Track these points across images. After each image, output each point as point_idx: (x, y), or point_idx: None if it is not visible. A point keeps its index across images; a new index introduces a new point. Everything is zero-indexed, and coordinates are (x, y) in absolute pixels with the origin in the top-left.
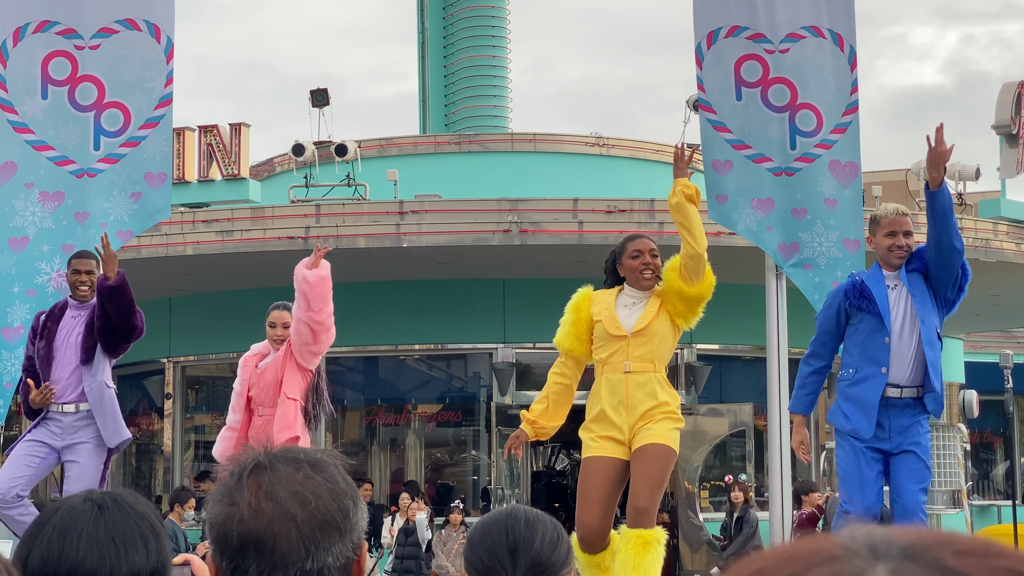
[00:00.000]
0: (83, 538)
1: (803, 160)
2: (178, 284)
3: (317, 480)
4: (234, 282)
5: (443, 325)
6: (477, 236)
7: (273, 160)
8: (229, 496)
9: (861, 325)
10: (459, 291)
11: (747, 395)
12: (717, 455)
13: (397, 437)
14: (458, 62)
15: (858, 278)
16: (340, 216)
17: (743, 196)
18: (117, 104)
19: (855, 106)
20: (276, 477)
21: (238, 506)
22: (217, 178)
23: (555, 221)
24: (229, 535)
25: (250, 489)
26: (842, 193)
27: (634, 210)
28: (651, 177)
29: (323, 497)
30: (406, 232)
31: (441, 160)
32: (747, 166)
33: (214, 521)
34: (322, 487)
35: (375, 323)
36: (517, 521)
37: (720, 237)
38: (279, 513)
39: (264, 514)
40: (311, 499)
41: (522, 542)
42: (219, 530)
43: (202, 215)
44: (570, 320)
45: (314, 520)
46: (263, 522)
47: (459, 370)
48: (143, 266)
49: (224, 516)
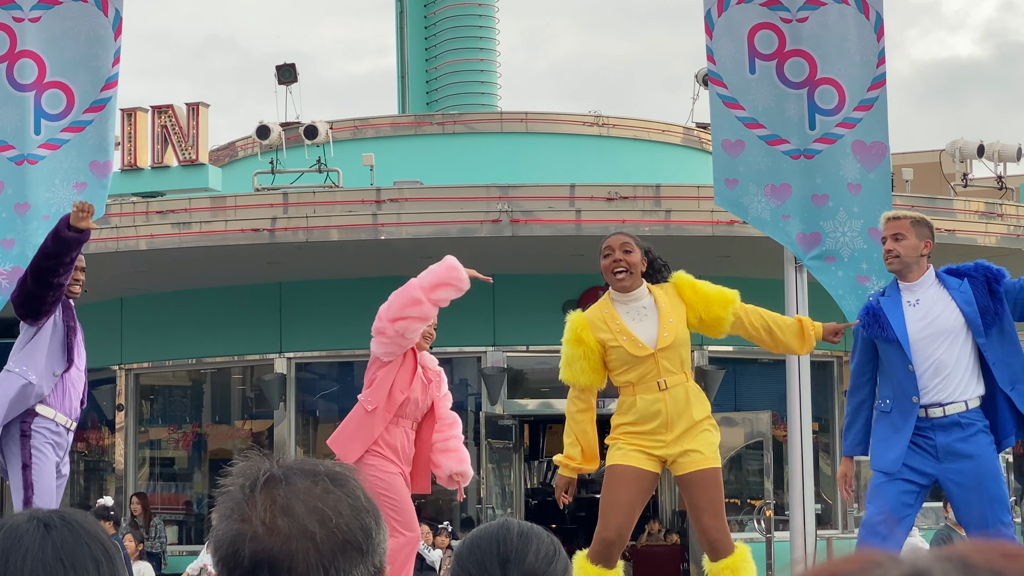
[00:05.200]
0: (28, 560)
1: (823, 141)
2: (130, 283)
3: (337, 495)
4: (193, 280)
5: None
6: (463, 227)
7: (235, 144)
8: (240, 511)
9: (886, 354)
10: None
11: (764, 403)
12: (732, 470)
13: None
14: (441, 34)
15: (873, 300)
16: (310, 206)
17: (755, 181)
18: (59, 84)
19: (882, 80)
20: (292, 491)
21: (250, 523)
22: (173, 164)
23: (550, 209)
24: (239, 554)
25: (264, 504)
26: (867, 177)
27: (637, 196)
28: (656, 160)
29: (344, 514)
30: (384, 223)
31: (422, 143)
32: (760, 147)
33: (222, 539)
34: (343, 503)
35: (350, 325)
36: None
37: (733, 227)
38: (296, 530)
39: (280, 531)
40: (331, 516)
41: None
42: (228, 549)
43: (156, 205)
44: (578, 355)
45: (334, 539)
46: (279, 540)
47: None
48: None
49: (234, 533)
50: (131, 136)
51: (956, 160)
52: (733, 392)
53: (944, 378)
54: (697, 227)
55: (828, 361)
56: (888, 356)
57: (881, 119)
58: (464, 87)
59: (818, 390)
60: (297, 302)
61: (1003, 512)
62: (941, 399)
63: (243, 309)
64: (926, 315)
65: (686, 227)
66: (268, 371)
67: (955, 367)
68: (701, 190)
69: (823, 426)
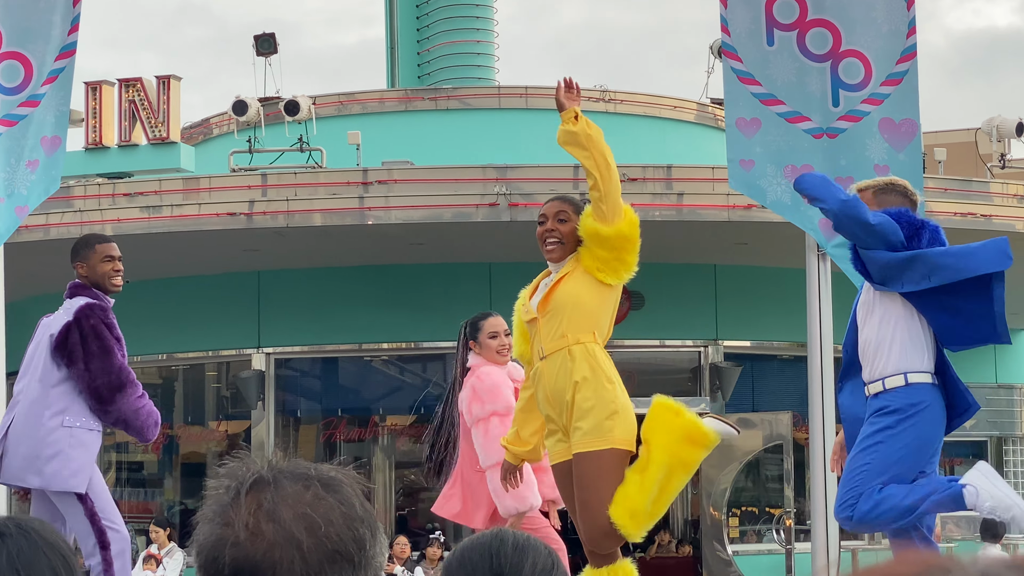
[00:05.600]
0: None
1: (848, 119)
2: None
3: (329, 502)
4: (163, 269)
5: (417, 319)
6: (457, 211)
7: (210, 121)
8: (223, 515)
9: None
10: (436, 278)
11: (785, 402)
12: (749, 475)
13: (362, 455)
14: (433, 2)
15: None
16: (291, 188)
17: (774, 162)
18: (16, 55)
19: (912, 52)
20: (280, 495)
21: (233, 527)
22: (142, 142)
23: (552, 192)
24: (219, 561)
25: (248, 507)
26: (896, 158)
27: (647, 179)
28: (667, 138)
29: (335, 522)
30: (371, 207)
31: (413, 120)
32: (779, 126)
33: (203, 543)
34: (335, 511)
35: (334, 317)
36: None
37: (751, 211)
38: (282, 537)
39: (263, 538)
40: (321, 523)
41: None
42: (209, 554)
43: (124, 187)
44: (516, 324)
45: (323, 548)
46: (261, 547)
47: (437, 374)
48: (51, 249)
49: (216, 538)
50: (96, 112)
51: (993, 139)
52: (751, 391)
53: (865, 357)
54: (712, 212)
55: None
56: None
57: (911, 95)
58: (459, 59)
59: None
60: (277, 293)
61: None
62: (866, 378)
63: (218, 300)
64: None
65: (700, 211)
66: (245, 368)
67: (872, 342)
68: (716, 171)
69: None
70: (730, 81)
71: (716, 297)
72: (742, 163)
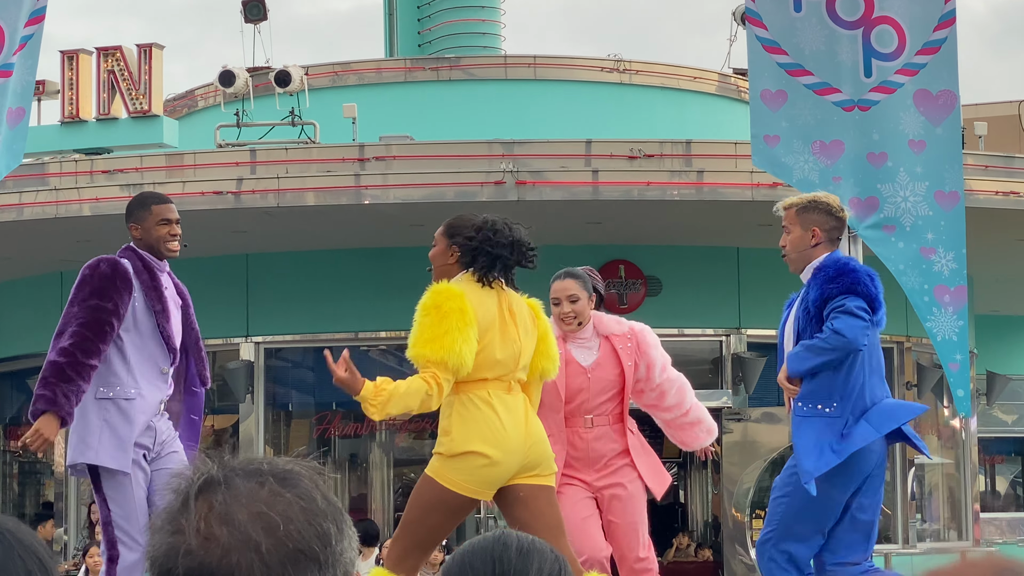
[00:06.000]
0: None
1: (881, 90)
2: (72, 254)
3: (287, 498)
4: None
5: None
6: (461, 190)
7: (195, 93)
8: (173, 522)
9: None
10: None
11: None
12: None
13: (358, 452)
14: None
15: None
16: (282, 164)
17: (801, 137)
18: None
19: (951, 19)
20: (233, 495)
21: (184, 534)
22: (122, 115)
23: (562, 169)
24: (173, 572)
25: (199, 512)
26: (933, 132)
27: (665, 155)
28: (686, 112)
29: (295, 519)
30: (368, 185)
31: (413, 91)
32: (807, 98)
33: (156, 555)
34: (293, 507)
35: (328, 304)
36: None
37: (776, 190)
38: (237, 541)
39: (217, 543)
40: (279, 522)
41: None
42: (161, 566)
43: (102, 164)
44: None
45: (283, 548)
46: (216, 553)
47: None
48: (26, 231)
49: (167, 548)
50: (72, 83)
51: None
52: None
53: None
54: (734, 190)
55: (887, 347)
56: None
57: (949, 64)
58: (462, 27)
59: None
60: (267, 278)
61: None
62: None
63: (204, 286)
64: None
65: (721, 190)
66: (233, 358)
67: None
68: (739, 147)
69: None
70: (754, 50)
71: (739, 282)
72: (767, 138)
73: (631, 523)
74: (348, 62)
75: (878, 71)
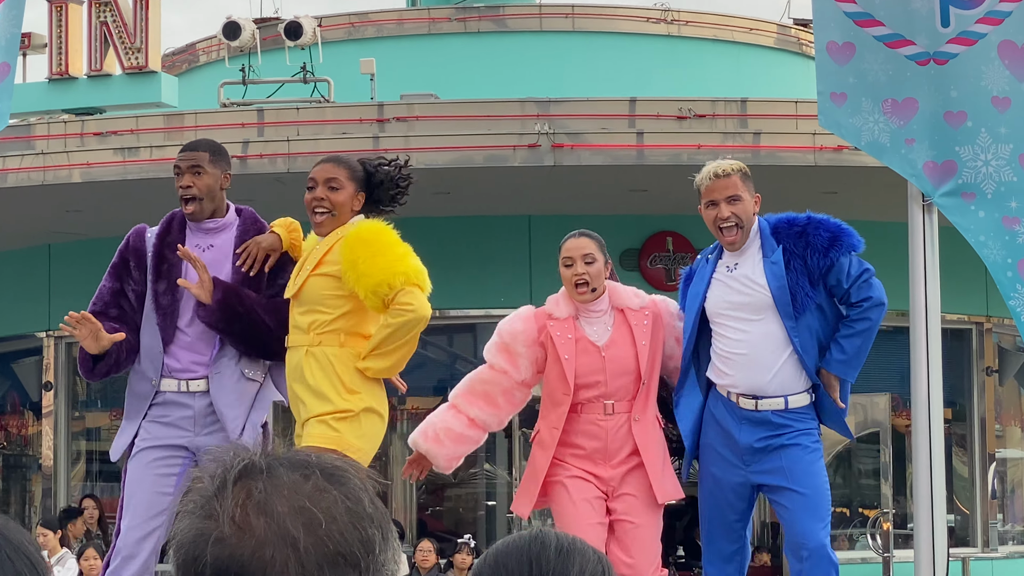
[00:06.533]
0: None
1: (960, 42)
2: (61, 225)
3: (333, 495)
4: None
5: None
6: (491, 153)
7: (196, 46)
8: (206, 507)
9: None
10: (465, 233)
11: (881, 382)
12: (839, 469)
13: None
14: None
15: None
16: (293, 126)
17: (870, 95)
18: None
19: None
20: (275, 485)
21: (216, 520)
22: (115, 72)
23: (603, 131)
24: (200, 560)
25: (236, 498)
26: (1019, 89)
27: (717, 115)
28: (741, 67)
29: (339, 519)
30: (388, 148)
31: (438, 44)
32: (877, 51)
33: (181, 540)
34: (339, 506)
35: None
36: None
37: (842, 153)
38: (274, 534)
39: (252, 534)
40: (321, 520)
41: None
42: (187, 553)
43: (94, 125)
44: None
45: (322, 549)
46: (249, 545)
47: (465, 347)
48: (11, 198)
49: (195, 533)
50: (61, 37)
51: None
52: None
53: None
54: (795, 154)
55: (965, 329)
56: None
57: None
58: None
59: (952, 366)
60: None
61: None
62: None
63: None
64: (738, 285)
65: (780, 154)
66: None
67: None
68: (800, 106)
69: (957, 413)
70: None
71: None
72: (833, 96)
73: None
74: (366, 12)
75: (957, 20)
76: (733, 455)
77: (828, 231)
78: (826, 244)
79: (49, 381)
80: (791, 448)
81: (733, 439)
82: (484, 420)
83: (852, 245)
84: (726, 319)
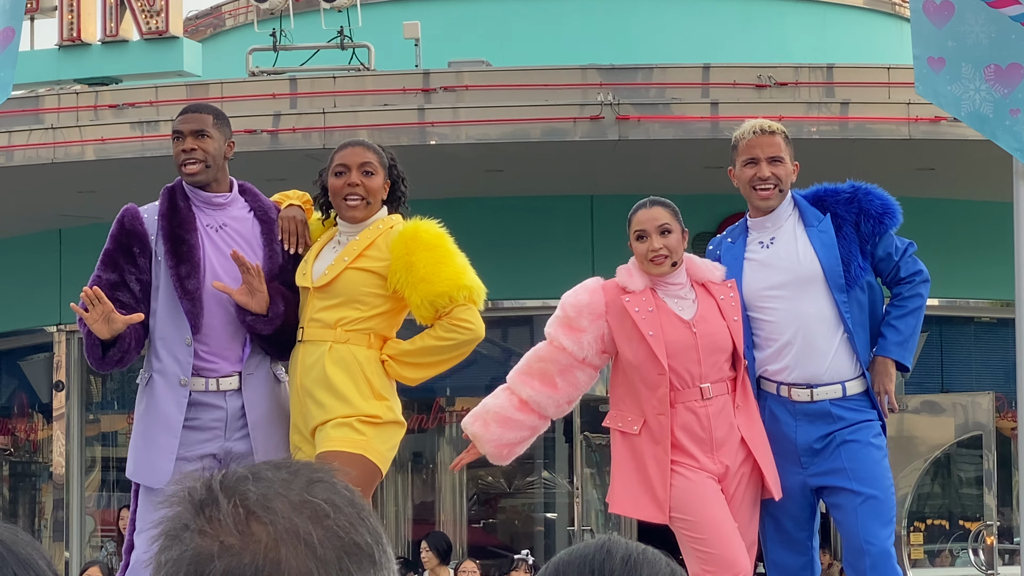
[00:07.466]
0: None
1: None
2: (73, 208)
3: (329, 486)
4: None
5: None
6: (549, 127)
7: (222, 9)
8: (194, 523)
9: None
10: (520, 215)
11: (984, 380)
12: (937, 477)
13: (423, 450)
14: None
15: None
16: (329, 97)
17: (972, 60)
18: None
19: None
20: (266, 485)
21: (214, 534)
22: (133, 37)
23: (674, 101)
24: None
25: (229, 507)
26: None
27: (801, 83)
28: (828, 29)
29: (343, 508)
30: (434, 121)
31: (490, 5)
32: (979, 11)
33: (178, 566)
34: (339, 495)
35: None
36: (611, 558)
37: (940, 125)
38: (282, 531)
39: (260, 537)
40: (327, 510)
41: None
42: (190, 572)
43: (109, 97)
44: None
45: (337, 540)
46: (260, 548)
47: (521, 341)
48: (18, 178)
49: (193, 554)
50: (73, 1)
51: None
52: (939, 365)
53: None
54: (887, 126)
55: None
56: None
57: None
58: None
59: None
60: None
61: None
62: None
63: None
64: (779, 260)
65: (871, 126)
66: None
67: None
68: (893, 73)
69: None
70: None
71: None
72: (931, 62)
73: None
74: None
75: None
76: (789, 456)
77: (879, 199)
78: (880, 210)
79: (60, 380)
80: (851, 444)
81: (788, 439)
82: (539, 402)
83: (899, 219)
84: (768, 301)
